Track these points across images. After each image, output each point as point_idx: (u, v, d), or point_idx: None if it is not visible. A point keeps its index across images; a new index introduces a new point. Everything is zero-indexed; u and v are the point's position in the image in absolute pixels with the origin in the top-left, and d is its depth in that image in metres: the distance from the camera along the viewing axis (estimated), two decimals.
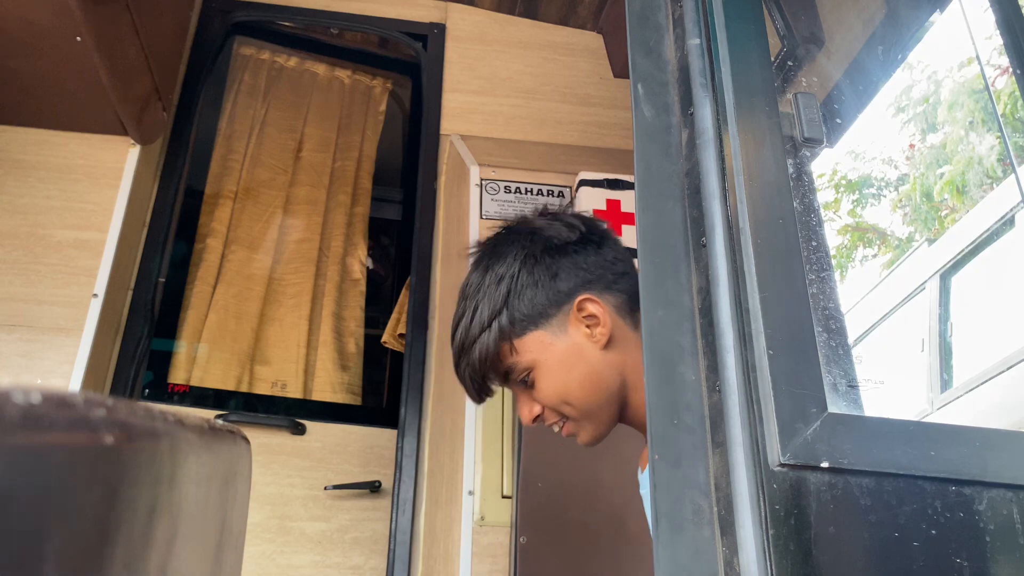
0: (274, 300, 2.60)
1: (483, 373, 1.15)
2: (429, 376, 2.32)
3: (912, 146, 8.97)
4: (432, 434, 2.22)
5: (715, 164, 0.86)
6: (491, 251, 1.19)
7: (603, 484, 1.83)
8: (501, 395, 2.09)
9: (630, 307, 1.16)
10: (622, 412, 1.16)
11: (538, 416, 1.15)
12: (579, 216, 1.22)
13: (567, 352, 1.12)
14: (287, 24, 2.91)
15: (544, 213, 1.23)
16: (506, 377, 1.15)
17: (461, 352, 1.16)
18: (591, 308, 1.13)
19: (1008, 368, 2.98)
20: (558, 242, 1.16)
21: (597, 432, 1.15)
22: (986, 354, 3.24)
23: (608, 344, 1.12)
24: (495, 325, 1.12)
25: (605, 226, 1.23)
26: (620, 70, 2.73)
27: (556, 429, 1.16)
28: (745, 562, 0.66)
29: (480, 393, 1.18)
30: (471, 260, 1.22)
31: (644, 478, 1.17)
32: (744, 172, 0.83)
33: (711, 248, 0.82)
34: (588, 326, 1.12)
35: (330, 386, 2.51)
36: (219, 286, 2.54)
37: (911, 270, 4.16)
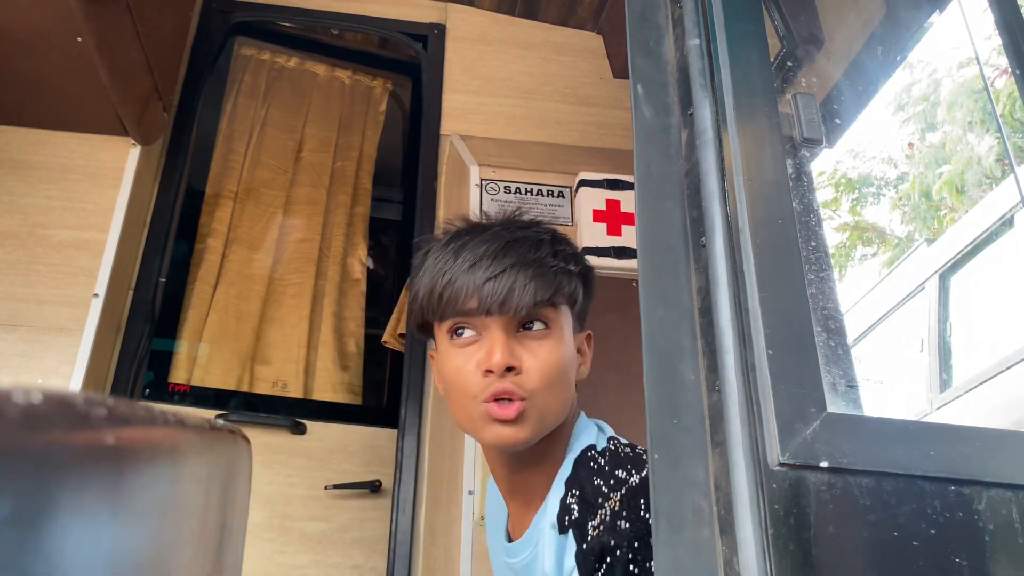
0: (274, 300, 2.60)
1: (554, 280, 1.04)
2: (429, 376, 2.32)
3: (911, 146, 8.97)
4: (432, 434, 2.22)
5: (714, 164, 0.86)
6: (564, 238, 1.15)
7: None
8: None
9: None
10: (540, 449, 1.06)
11: (511, 369, 1.00)
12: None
13: (572, 355, 1.08)
14: (287, 24, 2.91)
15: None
16: (551, 303, 1.04)
17: (553, 244, 1.07)
18: (589, 347, 1.12)
19: (1008, 368, 2.99)
20: (593, 293, 1.17)
21: (533, 432, 1.01)
22: (985, 354, 3.24)
23: (574, 378, 1.10)
24: (579, 277, 1.09)
25: None
26: (620, 70, 2.73)
27: (498, 396, 1.00)
28: (745, 562, 0.66)
29: (531, 296, 1.02)
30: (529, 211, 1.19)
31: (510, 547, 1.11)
32: (744, 172, 0.84)
33: (711, 248, 0.82)
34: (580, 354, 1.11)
35: (330, 386, 2.51)
36: (220, 286, 2.54)
37: (910, 270, 4.16)
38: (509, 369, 1.00)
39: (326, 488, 2.19)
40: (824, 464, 0.70)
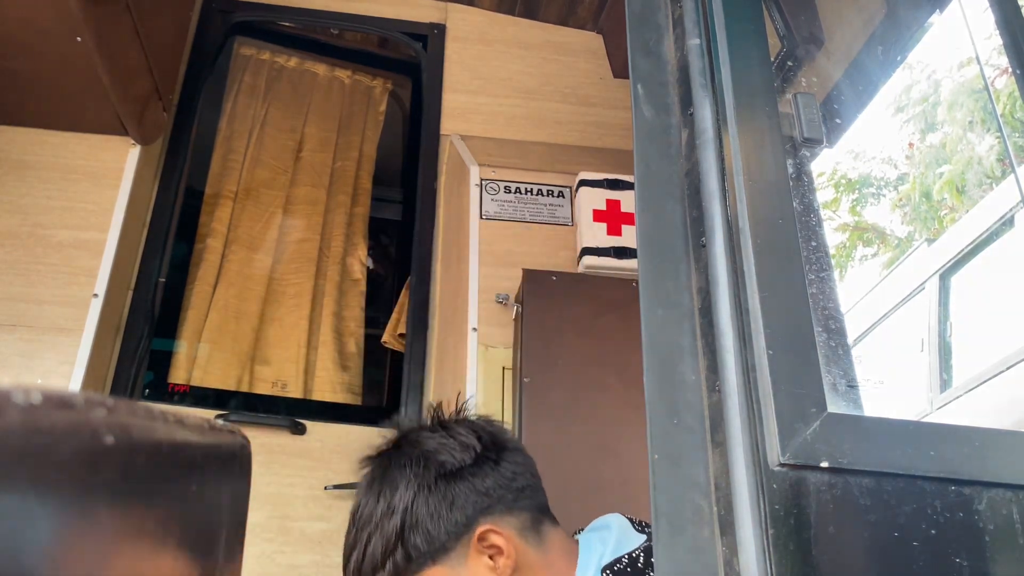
0: (274, 300, 2.60)
1: None
2: (429, 376, 2.32)
3: (912, 146, 8.97)
4: None
5: (715, 164, 0.86)
6: (382, 476, 1.09)
7: (603, 484, 1.83)
8: (501, 392, 2.09)
9: (534, 523, 1.09)
10: None
11: None
12: (475, 428, 1.13)
13: None
14: (287, 24, 2.91)
15: (437, 425, 1.14)
16: None
17: (364, 555, 1.05)
18: (493, 539, 1.04)
19: (1008, 368, 2.98)
20: (452, 467, 1.07)
21: None
22: (985, 354, 3.24)
23: (512, 574, 1.04)
24: (389, 564, 1.03)
25: (503, 434, 1.15)
26: (620, 70, 2.73)
27: None
28: (745, 562, 0.66)
29: None
30: (363, 478, 1.12)
31: None
32: (744, 172, 0.84)
33: (711, 248, 0.82)
34: (491, 556, 1.04)
35: (330, 386, 2.51)
36: (219, 286, 2.54)
37: (911, 270, 4.16)
38: None
39: (326, 488, 2.19)
40: (824, 464, 0.70)
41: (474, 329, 2.15)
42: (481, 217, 2.36)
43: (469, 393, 2.07)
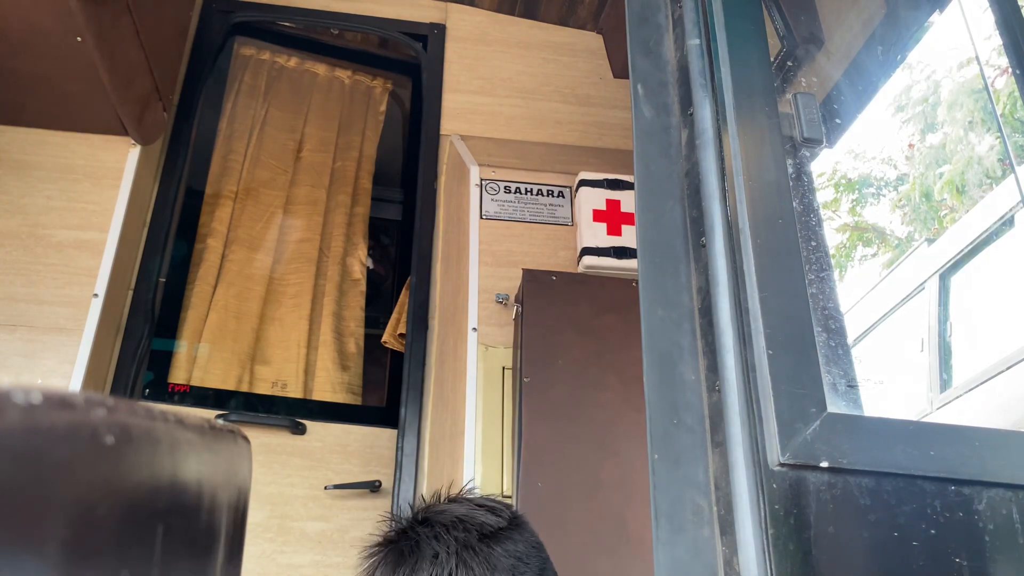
0: (274, 300, 2.60)
1: None
2: (429, 376, 2.32)
3: (911, 146, 8.97)
4: (432, 434, 2.22)
5: (715, 164, 0.86)
6: (412, 550, 1.05)
7: (603, 484, 1.83)
8: (501, 394, 2.09)
9: None
10: None
11: None
12: (489, 499, 1.12)
13: None
14: (287, 24, 2.91)
15: (456, 499, 1.13)
16: None
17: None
18: None
19: (1008, 368, 2.98)
20: (491, 529, 1.05)
21: None
22: (985, 354, 3.24)
23: None
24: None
25: (513, 507, 1.14)
26: (620, 70, 2.73)
27: None
28: (745, 562, 0.66)
29: None
30: (381, 563, 1.07)
31: None
32: (744, 172, 0.84)
33: (711, 248, 0.82)
34: None
35: (330, 386, 2.51)
36: (219, 286, 2.54)
37: (911, 270, 4.16)
38: None
39: (326, 488, 2.19)
40: (824, 464, 0.70)
41: (474, 329, 2.15)
42: (481, 217, 2.36)
43: (469, 392, 2.07)
